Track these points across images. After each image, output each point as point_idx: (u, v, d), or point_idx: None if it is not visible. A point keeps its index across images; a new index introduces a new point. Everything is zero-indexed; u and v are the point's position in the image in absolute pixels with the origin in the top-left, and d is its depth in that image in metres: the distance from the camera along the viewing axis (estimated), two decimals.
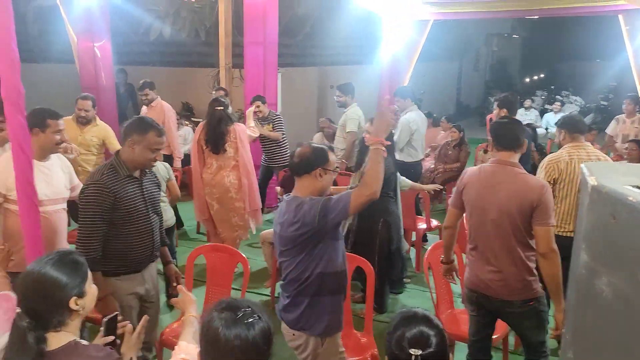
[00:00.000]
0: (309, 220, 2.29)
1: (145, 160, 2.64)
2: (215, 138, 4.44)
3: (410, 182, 4.49)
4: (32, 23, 9.37)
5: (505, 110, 5.03)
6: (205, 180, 4.52)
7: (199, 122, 8.03)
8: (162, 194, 3.87)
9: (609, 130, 6.67)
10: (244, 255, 3.41)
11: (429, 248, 3.55)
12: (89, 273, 1.76)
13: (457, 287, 3.77)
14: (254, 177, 4.66)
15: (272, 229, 4.45)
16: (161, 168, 4.06)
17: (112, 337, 1.89)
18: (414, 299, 4.47)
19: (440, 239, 4.55)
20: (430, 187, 4.82)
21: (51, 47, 7.16)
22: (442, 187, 5.65)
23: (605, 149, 6.59)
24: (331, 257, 2.43)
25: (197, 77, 8.03)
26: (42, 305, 1.60)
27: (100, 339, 1.88)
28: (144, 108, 5.92)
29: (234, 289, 3.40)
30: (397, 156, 5.81)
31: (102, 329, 1.91)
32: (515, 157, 2.70)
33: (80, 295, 1.67)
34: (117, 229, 2.58)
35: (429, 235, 5.59)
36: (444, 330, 1.63)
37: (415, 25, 8.15)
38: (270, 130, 5.91)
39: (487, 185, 2.67)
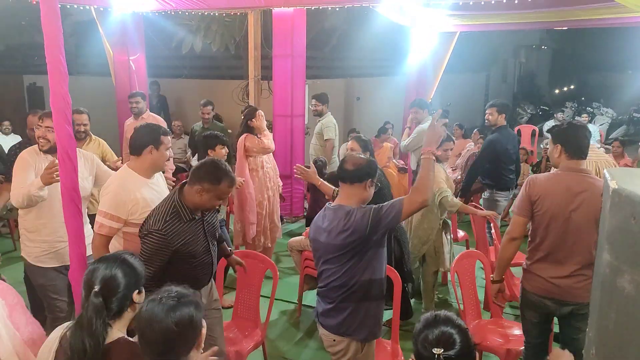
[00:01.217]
0: (361, 227, 2.31)
1: (211, 206, 2.57)
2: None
3: (459, 202, 4.14)
4: (69, 37, 9.79)
5: (503, 115, 5.20)
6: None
7: (228, 132, 8.24)
8: None
9: None
10: (273, 262, 3.48)
11: (456, 258, 3.55)
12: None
13: (481, 297, 3.77)
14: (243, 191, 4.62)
15: (299, 237, 4.56)
16: None
17: None
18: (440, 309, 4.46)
19: (476, 248, 4.57)
20: (486, 213, 4.37)
21: (88, 60, 7.45)
22: (497, 214, 5.21)
23: (636, 164, 6.48)
24: (377, 264, 2.47)
25: (227, 88, 8.23)
26: (110, 295, 1.80)
27: None
28: (130, 120, 5.67)
29: (262, 296, 3.45)
30: (416, 165, 5.90)
31: None
32: (584, 164, 2.79)
33: (140, 291, 1.90)
34: (175, 266, 2.52)
35: (455, 246, 5.57)
36: (467, 330, 1.67)
37: (442, 37, 8.18)
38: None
39: (569, 194, 2.68)
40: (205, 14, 7.08)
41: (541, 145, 9.41)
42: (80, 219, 2.52)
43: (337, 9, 7.30)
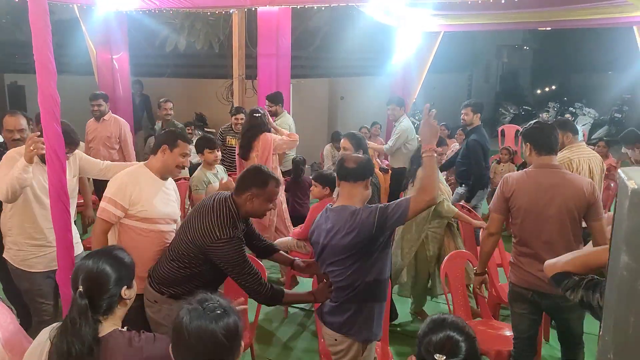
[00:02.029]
0: (367, 227, 2.30)
1: (263, 211, 2.56)
2: (244, 145, 4.73)
3: (455, 209, 4.05)
4: (52, 35, 9.56)
5: (478, 114, 5.34)
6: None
7: (212, 132, 8.16)
8: None
9: (624, 149, 6.62)
10: (261, 263, 3.44)
11: (445, 259, 3.55)
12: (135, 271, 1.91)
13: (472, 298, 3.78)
14: None
15: (285, 238, 4.52)
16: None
17: None
18: (428, 311, 4.47)
19: (465, 248, 4.56)
20: (480, 224, 4.20)
21: (70, 59, 7.28)
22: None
23: (619, 164, 6.58)
24: (382, 265, 2.46)
25: (211, 88, 8.14)
26: (98, 293, 1.76)
27: None
28: (91, 122, 5.44)
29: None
30: (398, 163, 5.93)
31: None
32: (556, 160, 2.90)
33: (130, 286, 1.85)
34: (212, 271, 2.54)
35: None
36: (475, 338, 1.62)
37: (426, 36, 8.21)
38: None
39: (541, 189, 2.80)
40: (190, 12, 6.98)
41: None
42: (69, 220, 2.45)
43: (323, 9, 7.28)
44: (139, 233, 2.70)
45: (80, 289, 1.72)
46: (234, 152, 5.92)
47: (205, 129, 7.91)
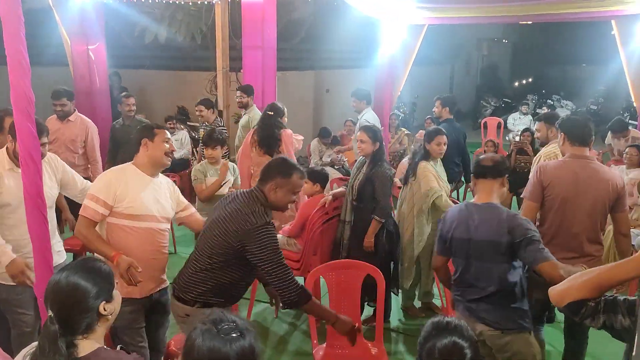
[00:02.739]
0: (521, 232, 2.43)
1: (285, 204, 2.55)
2: (269, 139, 4.72)
3: (451, 203, 3.96)
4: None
5: (447, 108, 5.45)
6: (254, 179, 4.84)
7: (194, 126, 7.98)
8: None
9: (608, 140, 6.69)
10: None
11: None
12: (115, 281, 1.76)
13: None
14: None
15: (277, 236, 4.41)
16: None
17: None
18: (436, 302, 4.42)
19: None
20: None
21: (43, 50, 6.99)
22: None
23: (601, 156, 6.63)
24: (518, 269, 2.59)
25: (193, 80, 7.95)
26: (72, 311, 1.61)
27: None
28: (53, 120, 4.70)
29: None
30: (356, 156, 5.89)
31: None
32: (588, 152, 2.98)
33: (108, 300, 1.68)
34: (243, 270, 2.51)
35: None
36: (477, 341, 1.61)
37: (411, 29, 8.15)
38: None
39: (578, 179, 2.85)
40: (170, 1, 6.77)
41: (507, 138, 9.55)
42: (46, 227, 2.30)
43: (309, 0, 7.15)
44: (128, 231, 2.59)
45: (50, 313, 1.58)
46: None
47: (188, 123, 7.73)
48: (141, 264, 2.49)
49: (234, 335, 1.42)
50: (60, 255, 3.01)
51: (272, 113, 4.81)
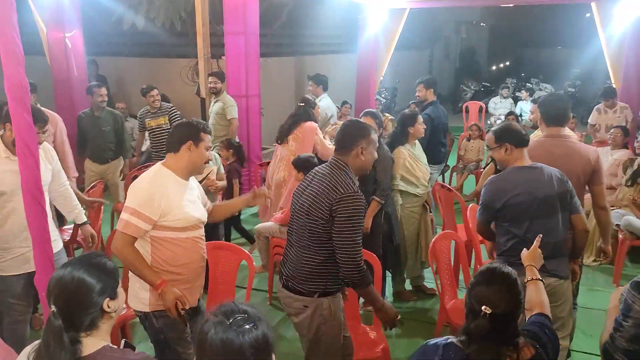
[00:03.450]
0: (569, 183, 2.77)
1: (371, 162, 2.48)
2: (282, 129, 4.77)
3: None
4: None
5: (431, 90, 5.48)
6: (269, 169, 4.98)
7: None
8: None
9: (591, 119, 6.83)
10: (248, 253, 3.33)
11: (434, 238, 3.54)
12: (119, 278, 1.72)
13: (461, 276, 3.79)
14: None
15: (268, 223, 4.39)
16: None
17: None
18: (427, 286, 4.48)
19: (443, 229, 4.61)
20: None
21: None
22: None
23: (584, 138, 6.78)
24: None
25: (173, 68, 7.78)
26: (76, 307, 1.58)
27: None
28: None
29: (240, 287, 3.31)
30: None
31: None
32: (565, 131, 3.11)
33: (113, 297, 1.65)
34: None
35: None
36: (521, 291, 1.69)
37: (393, 13, 8.13)
38: (166, 123, 5.73)
39: (552, 158, 2.92)
40: None
41: (488, 122, 9.65)
42: (45, 218, 2.24)
43: None
44: (175, 243, 2.43)
45: (54, 308, 1.54)
46: (159, 132, 5.71)
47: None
48: (190, 274, 2.43)
49: (246, 326, 1.40)
50: (55, 244, 2.91)
51: (303, 104, 4.85)
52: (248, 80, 6.33)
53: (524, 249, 2.31)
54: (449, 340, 1.72)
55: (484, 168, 6.34)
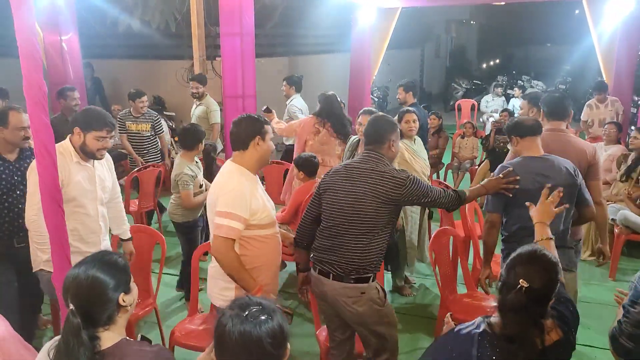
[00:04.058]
0: (578, 175, 2.91)
1: (395, 156, 2.75)
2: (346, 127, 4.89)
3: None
4: None
5: (410, 93, 5.67)
6: None
7: (171, 115, 7.86)
8: None
9: (584, 116, 6.94)
10: (162, 235, 3.47)
11: (434, 234, 3.60)
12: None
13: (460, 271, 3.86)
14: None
15: None
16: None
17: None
18: (425, 282, 4.55)
19: (441, 225, 4.64)
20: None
21: (11, 41, 6.74)
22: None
23: (578, 134, 6.89)
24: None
25: (168, 69, 7.81)
26: (93, 304, 1.63)
27: None
28: None
29: (160, 273, 3.50)
30: (289, 141, 6.00)
31: None
32: (564, 125, 3.22)
33: (127, 291, 1.71)
34: (394, 221, 2.67)
35: None
36: (559, 274, 1.73)
37: (384, 12, 8.20)
38: (147, 130, 5.74)
39: (551, 151, 3.00)
40: None
41: (480, 119, 9.76)
42: (62, 218, 2.26)
43: None
44: (263, 241, 2.48)
45: (72, 307, 1.59)
46: (139, 138, 5.73)
47: (165, 113, 7.62)
48: (274, 271, 2.51)
49: (262, 318, 1.46)
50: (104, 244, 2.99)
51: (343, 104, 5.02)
52: (244, 81, 6.35)
53: (534, 206, 2.39)
54: (482, 329, 1.72)
55: (479, 165, 6.44)
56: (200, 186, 4.22)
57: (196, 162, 4.25)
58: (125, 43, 8.21)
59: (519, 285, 1.63)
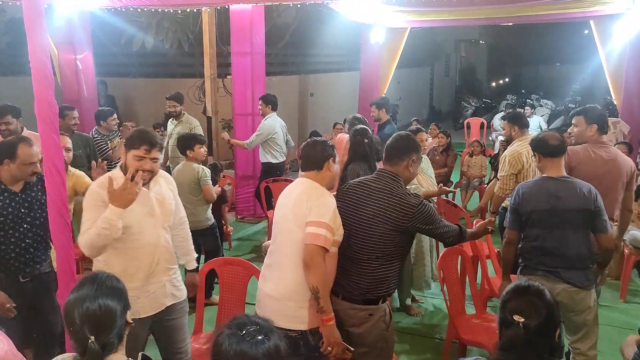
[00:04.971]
0: (600, 201, 2.87)
1: (413, 177, 2.70)
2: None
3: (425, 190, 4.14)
4: (2, 35, 9.06)
5: (383, 110, 5.73)
6: None
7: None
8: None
9: None
10: (259, 269, 3.37)
11: (442, 253, 3.58)
12: None
13: (468, 291, 3.83)
14: None
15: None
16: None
17: None
18: (434, 301, 4.51)
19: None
20: (445, 190, 4.37)
21: (27, 59, 6.90)
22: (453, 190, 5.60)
23: None
24: None
25: (179, 87, 7.87)
26: (109, 331, 1.64)
27: None
28: None
29: (249, 304, 3.33)
30: (265, 158, 6.05)
31: None
32: (605, 138, 3.48)
33: (129, 308, 1.76)
34: (408, 246, 2.62)
35: None
36: (551, 300, 1.71)
37: (394, 32, 8.27)
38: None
39: (603, 161, 3.33)
40: (160, 10, 6.76)
41: (490, 138, 9.74)
42: (69, 235, 2.29)
43: (291, 5, 7.20)
44: (332, 257, 2.49)
45: (92, 339, 1.60)
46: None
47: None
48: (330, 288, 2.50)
49: (259, 337, 1.46)
50: (181, 291, 2.72)
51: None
52: (254, 99, 6.44)
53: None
54: None
55: (487, 184, 6.41)
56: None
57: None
58: (138, 62, 8.37)
59: (516, 322, 1.62)
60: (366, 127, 4.25)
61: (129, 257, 2.46)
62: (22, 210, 2.74)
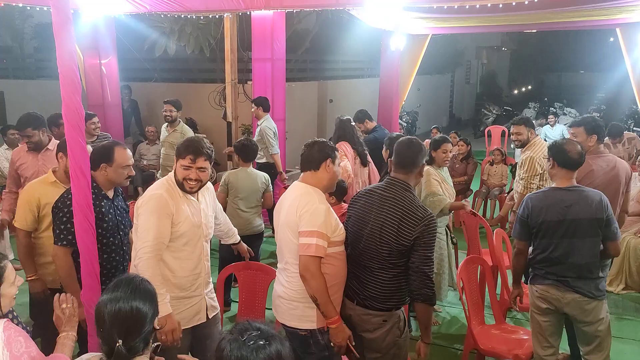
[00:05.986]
0: (610, 209, 2.88)
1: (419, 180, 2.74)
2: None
3: (449, 203, 3.98)
4: (30, 40, 9.30)
5: (366, 120, 5.85)
6: None
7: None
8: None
9: None
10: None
11: (462, 262, 3.54)
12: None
13: (487, 301, 3.78)
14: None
15: None
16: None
17: None
18: (451, 310, 4.47)
19: (468, 253, 4.59)
20: (457, 204, 4.19)
21: (54, 63, 7.06)
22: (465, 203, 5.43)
23: None
24: None
25: (201, 92, 8.01)
26: (138, 335, 1.66)
27: None
28: (22, 152, 3.85)
29: (269, 309, 3.34)
30: (263, 160, 5.96)
31: None
32: (602, 147, 3.62)
33: (158, 314, 1.77)
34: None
35: None
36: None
37: (415, 39, 8.25)
38: None
39: (608, 169, 3.50)
40: (182, 16, 6.86)
41: (511, 146, 9.59)
42: (94, 237, 2.32)
43: (311, 11, 7.24)
44: (339, 257, 2.50)
45: (120, 342, 1.63)
46: None
47: (196, 134, 7.78)
48: (342, 286, 2.52)
49: (260, 343, 1.46)
50: (216, 302, 2.75)
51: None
52: (274, 105, 6.47)
53: None
54: None
55: (508, 193, 6.32)
56: None
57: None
58: (161, 67, 8.49)
59: None
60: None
61: (175, 267, 2.47)
62: (117, 217, 2.75)
